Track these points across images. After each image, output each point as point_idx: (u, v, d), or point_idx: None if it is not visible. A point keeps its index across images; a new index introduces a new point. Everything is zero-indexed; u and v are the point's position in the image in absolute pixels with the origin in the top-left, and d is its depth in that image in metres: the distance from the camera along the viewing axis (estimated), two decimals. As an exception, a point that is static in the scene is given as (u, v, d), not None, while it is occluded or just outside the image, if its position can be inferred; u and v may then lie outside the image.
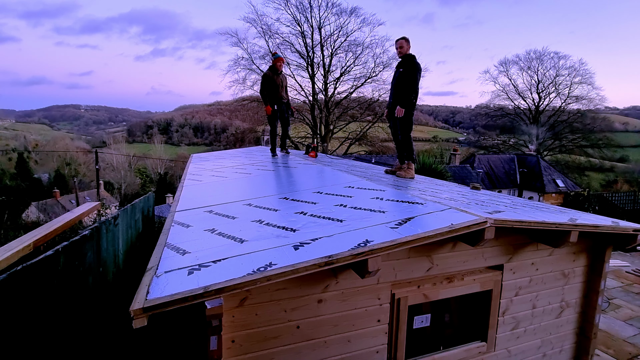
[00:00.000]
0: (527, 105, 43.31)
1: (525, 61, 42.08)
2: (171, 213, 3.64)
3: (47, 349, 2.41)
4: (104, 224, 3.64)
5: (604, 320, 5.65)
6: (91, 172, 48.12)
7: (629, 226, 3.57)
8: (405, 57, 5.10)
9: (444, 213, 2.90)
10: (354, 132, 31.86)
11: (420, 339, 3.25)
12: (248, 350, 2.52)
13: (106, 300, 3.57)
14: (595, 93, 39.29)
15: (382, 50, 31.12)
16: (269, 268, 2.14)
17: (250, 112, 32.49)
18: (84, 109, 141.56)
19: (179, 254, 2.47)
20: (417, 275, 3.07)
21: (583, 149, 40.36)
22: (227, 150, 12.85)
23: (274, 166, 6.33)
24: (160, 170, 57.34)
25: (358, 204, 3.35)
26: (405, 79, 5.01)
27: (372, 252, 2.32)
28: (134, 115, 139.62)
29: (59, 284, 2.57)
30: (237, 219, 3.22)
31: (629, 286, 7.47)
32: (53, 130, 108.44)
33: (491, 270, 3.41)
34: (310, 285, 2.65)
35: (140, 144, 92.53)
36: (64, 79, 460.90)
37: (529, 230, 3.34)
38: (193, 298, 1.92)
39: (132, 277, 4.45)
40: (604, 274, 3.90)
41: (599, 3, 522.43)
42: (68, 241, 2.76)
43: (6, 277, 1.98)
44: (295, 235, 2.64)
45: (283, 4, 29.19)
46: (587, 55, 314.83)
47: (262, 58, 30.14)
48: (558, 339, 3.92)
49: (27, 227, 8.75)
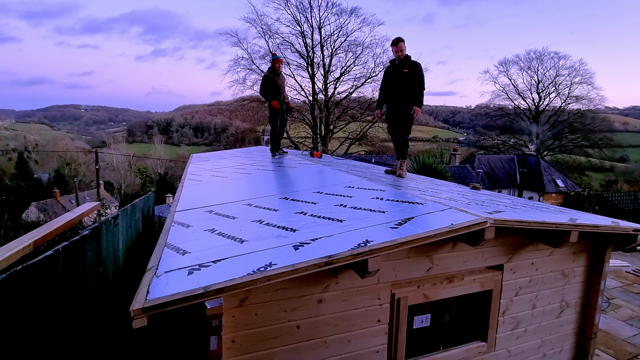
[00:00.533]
0: (527, 105, 43.34)
1: (525, 61, 42.13)
2: (171, 213, 3.64)
3: (48, 349, 2.41)
4: (104, 224, 3.64)
5: (604, 320, 5.65)
6: (91, 172, 48.11)
7: (629, 226, 3.57)
8: (407, 58, 5.13)
9: (444, 213, 2.90)
10: (354, 132, 31.84)
11: (420, 339, 3.24)
12: (248, 350, 2.52)
13: (106, 301, 3.57)
14: (595, 93, 39.36)
15: (382, 50, 31.08)
16: (269, 268, 2.14)
17: (250, 112, 32.45)
18: (84, 109, 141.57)
19: (179, 254, 2.47)
20: (417, 275, 3.07)
21: (583, 149, 40.37)
22: (227, 150, 12.85)
23: (274, 166, 6.33)
24: (160, 170, 57.37)
25: (358, 204, 3.35)
26: (415, 79, 5.05)
27: (372, 252, 2.32)
28: (134, 115, 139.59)
29: (59, 284, 2.56)
30: (237, 219, 3.22)
31: (629, 286, 7.47)
32: (53, 130, 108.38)
33: (491, 270, 3.41)
34: (310, 285, 2.65)
35: (140, 144, 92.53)
36: (64, 79, 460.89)
37: (529, 230, 3.34)
38: (193, 298, 1.92)
39: (132, 277, 4.45)
40: (604, 274, 3.90)
41: (599, 3, 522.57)
42: (68, 241, 2.76)
43: (6, 277, 1.98)
44: (295, 235, 2.64)
45: (283, 4, 29.20)
46: (587, 56, 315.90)
47: (262, 58, 30.14)
48: (558, 339, 3.92)
49: (27, 227, 8.75)
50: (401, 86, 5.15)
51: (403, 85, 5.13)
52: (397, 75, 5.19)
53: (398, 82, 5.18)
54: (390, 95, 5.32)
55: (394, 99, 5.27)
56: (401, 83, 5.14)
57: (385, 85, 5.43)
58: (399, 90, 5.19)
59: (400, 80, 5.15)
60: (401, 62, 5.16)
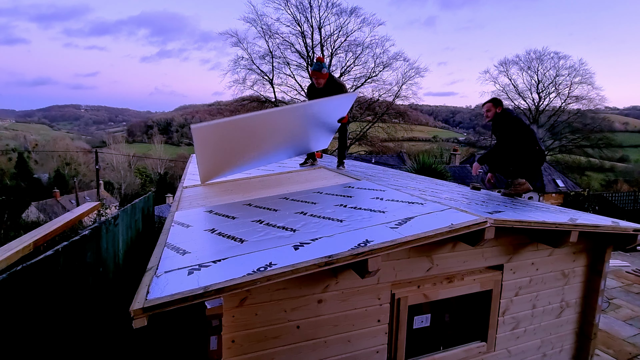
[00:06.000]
0: (527, 105, 43.26)
1: (525, 61, 42.04)
2: (171, 213, 3.64)
3: (48, 348, 2.41)
4: (104, 224, 3.64)
5: (604, 320, 5.64)
6: (91, 172, 48.10)
7: (629, 226, 3.57)
8: (501, 117, 4.27)
9: (444, 213, 2.90)
10: (354, 132, 31.84)
11: (420, 339, 3.25)
12: (248, 350, 2.52)
13: (106, 300, 3.57)
14: (595, 93, 39.24)
15: (382, 50, 31.14)
16: (269, 268, 2.14)
17: (250, 112, 32.46)
18: (84, 109, 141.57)
19: (179, 254, 2.47)
20: (417, 275, 3.07)
21: (583, 149, 40.29)
22: (227, 150, 12.81)
23: (274, 166, 6.32)
24: (160, 170, 57.39)
25: (358, 204, 3.35)
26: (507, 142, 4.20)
27: (372, 252, 2.32)
28: (134, 115, 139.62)
29: (59, 284, 2.57)
30: (237, 219, 3.22)
31: (629, 286, 7.47)
32: (53, 130, 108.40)
33: (491, 270, 3.41)
34: (310, 285, 2.65)
35: (140, 144, 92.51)
36: (69, 79, 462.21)
37: (529, 230, 3.34)
38: (193, 298, 1.92)
39: (132, 277, 4.45)
40: (604, 274, 3.90)
41: (598, 5, 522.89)
42: (68, 241, 2.76)
43: (6, 277, 1.98)
44: (295, 235, 2.64)
45: (283, 4, 29.18)
46: (587, 56, 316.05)
47: (262, 58, 30.14)
48: (558, 339, 3.92)
49: (27, 227, 8.75)
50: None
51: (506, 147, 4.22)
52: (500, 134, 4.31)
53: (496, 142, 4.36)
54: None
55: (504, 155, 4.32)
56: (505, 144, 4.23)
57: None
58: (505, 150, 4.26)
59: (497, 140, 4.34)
60: (493, 123, 4.33)
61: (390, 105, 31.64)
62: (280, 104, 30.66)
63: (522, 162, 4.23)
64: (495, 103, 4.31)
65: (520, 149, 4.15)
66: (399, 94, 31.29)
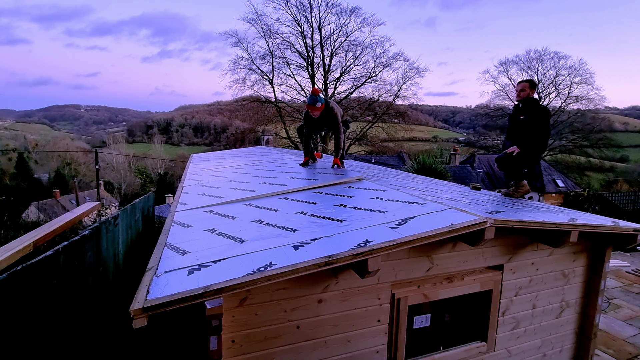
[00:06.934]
0: (527, 105, 43.19)
1: (525, 61, 42.01)
2: (171, 213, 3.64)
3: (48, 348, 2.41)
4: (104, 224, 3.64)
5: (604, 320, 5.64)
6: (91, 172, 48.10)
7: (629, 226, 3.57)
8: (530, 102, 4.16)
9: (444, 213, 2.90)
10: (354, 132, 31.84)
11: (420, 339, 3.25)
12: (248, 350, 2.52)
13: (106, 300, 3.57)
14: (595, 93, 39.21)
15: (382, 50, 31.18)
16: (269, 268, 2.14)
17: (250, 112, 32.39)
18: (84, 109, 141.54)
19: (179, 254, 2.47)
20: (417, 275, 3.07)
21: (583, 149, 40.28)
22: (227, 150, 12.84)
23: (274, 166, 6.32)
24: (160, 170, 57.40)
25: (358, 204, 3.35)
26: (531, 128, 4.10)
27: (372, 252, 2.32)
28: (134, 115, 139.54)
29: (59, 284, 2.56)
30: (237, 219, 3.22)
31: (629, 286, 7.47)
32: (53, 130, 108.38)
33: (491, 270, 3.41)
34: (310, 285, 2.65)
35: (140, 144, 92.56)
36: (70, 79, 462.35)
37: (529, 230, 3.34)
38: (193, 298, 1.92)
39: (132, 277, 4.45)
40: (604, 274, 3.90)
41: (597, 5, 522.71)
42: (68, 241, 2.76)
43: (6, 277, 1.98)
44: (295, 235, 2.64)
45: (283, 4, 29.20)
46: (587, 56, 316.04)
47: (262, 58, 30.16)
48: (558, 339, 3.92)
49: (27, 227, 8.74)
50: (517, 134, 4.19)
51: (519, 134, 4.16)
52: (514, 121, 4.25)
53: (514, 129, 4.24)
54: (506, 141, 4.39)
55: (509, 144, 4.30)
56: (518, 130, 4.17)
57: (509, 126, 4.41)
58: (514, 138, 4.23)
59: (516, 126, 4.21)
60: (522, 105, 4.19)
61: (390, 105, 31.66)
62: (280, 104, 30.67)
63: (537, 151, 4.15)
64: (532, 85, 4.14)
65: (540, 136, 4.08)
66: (399, 94, 31.35)
